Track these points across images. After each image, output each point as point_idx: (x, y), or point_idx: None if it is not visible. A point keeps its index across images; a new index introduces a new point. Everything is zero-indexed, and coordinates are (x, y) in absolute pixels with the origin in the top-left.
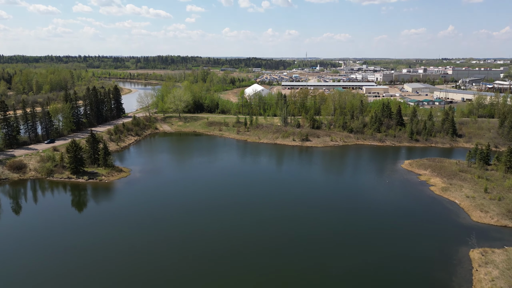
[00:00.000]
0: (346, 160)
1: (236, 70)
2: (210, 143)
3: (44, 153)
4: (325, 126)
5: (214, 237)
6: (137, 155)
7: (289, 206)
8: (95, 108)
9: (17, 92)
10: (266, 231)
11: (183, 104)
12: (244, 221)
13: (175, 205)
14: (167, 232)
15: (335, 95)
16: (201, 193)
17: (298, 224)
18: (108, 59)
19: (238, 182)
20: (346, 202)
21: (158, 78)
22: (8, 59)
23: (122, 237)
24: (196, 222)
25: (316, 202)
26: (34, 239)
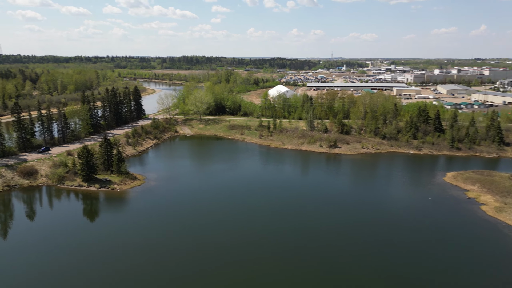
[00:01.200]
0: (379, 170)
1: (260, 71)
2: (231, 148)
3: (57, 158)
4: (355, 131)
5: (233, 252)
6: (154, 161)
7: (314, 222)
8: (114, 110)
9: (42, 92)
10: (289, 245)
11: (204, 106)
12: (265, 234)
13: (190, 219)
14: (180, 247)
15: (366, 97)
16: (219, 205)
17: (325, 247)
18: (135, 59)
19: (260, 193)
20: (381, 224)
21: (182, 78)
22: (40, 59)
23: (129, 254)
24: (214, 236)
25: (345, 221)
26: (38, 250)
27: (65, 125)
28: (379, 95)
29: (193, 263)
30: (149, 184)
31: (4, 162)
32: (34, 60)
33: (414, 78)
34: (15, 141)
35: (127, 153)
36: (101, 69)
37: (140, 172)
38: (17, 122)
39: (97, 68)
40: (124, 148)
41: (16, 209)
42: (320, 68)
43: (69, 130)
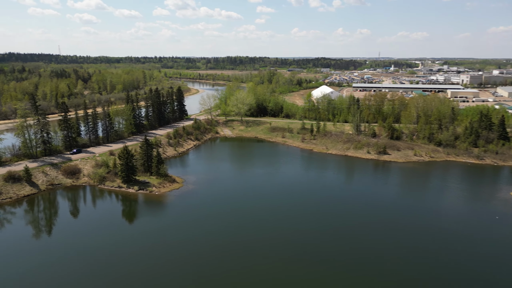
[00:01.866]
0: (434, 181)
1: (304, 71)
2: (272, 151)
3: (100, 158)
4: (406, 137)
5: (271, 263)
6: (194, 162)
7: (359, 240)
8: (157, 110)
9: (92, 91)
10: (334, 259)
11: (246, 107)
12: (302, 244)
13: (227, 226)
14: (214, 255)
15: (419, 100)
16: (258, 213)
17: (369, 267)
18: (181, 60)
19: (300, 202)
20: (439, 247)
21: (225, 79)
22: (94, 60)
23: (163, 258)
24: (251, 246)
25: (394, 241)
26: (77, 249)
27: (109, 124)
28: (434, 98)
29: (227, 270)
30: (187, 187)
31: (50, 160)
32: (89, 60)
33: (470, 80)
34: (61, 140)
35: (168, 154)
36: (148, 69)
37: (179, 174)
38: (64, 121)
39: (145, 68)
40: (165, 148)
41: (58, 208)
42: (366, 68)
43: (113, 129)
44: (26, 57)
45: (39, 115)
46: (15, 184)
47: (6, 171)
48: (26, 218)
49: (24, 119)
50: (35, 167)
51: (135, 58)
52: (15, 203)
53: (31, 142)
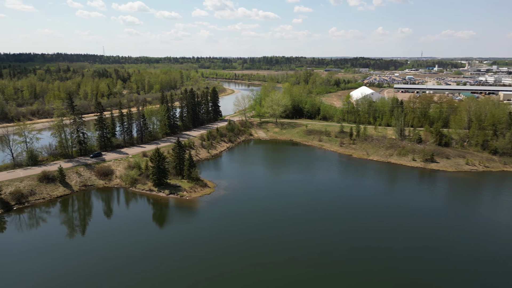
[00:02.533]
0: (488, 194)
1: (341, 71)
2: (308, 155)
3: (132, 159)
4: (456, 143)
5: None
6: (227, 166)
7: (398, 256)
8: (191, 111)
9: (131, 91)
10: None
11: (281, 109)
12: (337, 260)
13: (257, 240)
14: (240, 268)
15: (470, 103)
16: (291, 223)
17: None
18: (217, 60)
19: (337, 213)
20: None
21: (261, 79)
22: (135, 60)
23: (188, 265)
24: (281, 260)
25: (440, 259)
26: (105, 252)
27: (143, 125)
28: (487, 101)
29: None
30: (219, 193)
31: (84, 160)
32: (130, 60)
33: None
34: (96, 140)
35: (200, 156)
36: (186, 69)
37: (211, 178)
38: (99, 121)
39: (183, 69)
40: (198, 150)
41: (88, 210)
42: (408, 69)
43: (147, 130)
44: (73, 57)
45: (76, 115)
46: (49, 184)
47: (41, 171)
48: (58, 219)
49: (60, 119)
50: (70, 168)
51: (173, 58)
52: (48, 204)
53: (67, 142)
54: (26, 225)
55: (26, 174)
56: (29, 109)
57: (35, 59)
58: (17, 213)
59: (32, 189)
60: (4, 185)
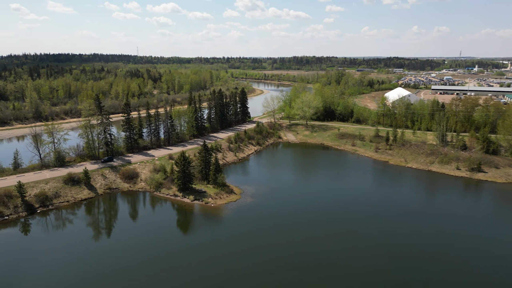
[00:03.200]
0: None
1: (374, 71)
2: (340, 161)
3: (158, 162)
4: (506, 151)
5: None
6: (254, 170)
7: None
8: (219, 112)
9: (161, 91)
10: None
11: (312, 111)
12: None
13: (283, 252)
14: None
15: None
16: (321, 238)
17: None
18: (247, 60)
19: (371, 226)
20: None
21: (291, 79)
22: (167, 60)
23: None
24: (312, 280)
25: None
26: (127, 257)
27: (170, 126)
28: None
29: None
30: (245, 200)
31: (110, 163)
32: (162, 61)
33: None
34: (123, 141)
35: (227, 159)
36: (216, 69)
37: (238, 183)
38: (126, 122)
39: (213, 69)
40: (225, 154)
41: (111, 215)
42: (445, 69)
43: (174, 132)
44: (108, 57)
45: (103, 115)
46: (74, 186)
47: (67, 172)
48: (81, 222)
49: (87, 120)
50: (95, 170)
51: (204, 58)
52: (72, 207)
53: (94, 143)
54: (49, 228)
55: (52, 176)
56: (63, 108)
57: (73, 59)
58: (41, 215)
59: (57, 192)
60: (29, 187)
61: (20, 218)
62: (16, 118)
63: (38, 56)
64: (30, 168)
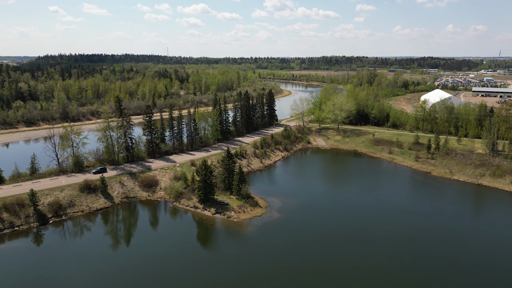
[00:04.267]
0: None
1: (407, 71)
2: (376, 170)
3: (180, 169)
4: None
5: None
6: (281, 179)
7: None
8: (245, 115)
9: (187, 92)
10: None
11: (344, 114)
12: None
13: (313, 277)
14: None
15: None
16: (354, 261)
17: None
18: (275, 60)
19: (412, 248)
20: None
21: (320, 80)
22: (195, 61)
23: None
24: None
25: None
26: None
27: (194, 130)
28: None
29: None
30: (271, 215)
31: (130, 168)
32: (191, 61)
33: None
34: (144, 146)
35: (252, 166)
36: (243, 69)
37: (263, 194)
38: (147, 125)
39: (240, 69)
40: (251, 160)
41: (126, 226)
42: (484, 69)
43: (198, 136)
44: (139, 58)
45: (123, 118)
46: (90, 195)
47: (83, 179)
48: (93, 235)
49: (107, 123)
50: (113, 176)
51: (232, 59)
52: (87, 217)
53: (113, 147)
54: (61, 239)
55: (68, 182)
56: (89, 108)
57: (105, 60)
58: (54, 226)
59: (72, 200)
60: (43, 194)
61: (32, 228)
62: (43, 118)
63: (73, 57)
64: (47, 173)
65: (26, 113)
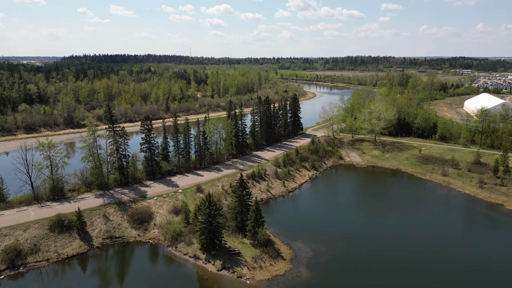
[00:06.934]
0: None
1: (439, 72)
2: (429, 199)
3: (182, 196)
4: None
5: None
6: (309, 210)
7: None
8: (265, 125)
9: (204, 94)
10: None
11: (382, 124)
12: None
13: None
14: None
15: None
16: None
17: None
18: (298, 61)
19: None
20: None
21: (346, 81)
22: (217, 61)
23: None
24: None
25: None
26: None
27: (203, 144)
28: None
29: None
30: (298, 273)
31: (120, 195)
32: (212, 61)
33: None
34: (142, 164)
35: (273, 191)
36: (265, 70)
37: (287, 235)
38: (146, 140)
39: (262, 69)
40: (271, 182)
41: (104, 280)
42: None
43: (208, 151)
44: (161, 58)
45: (115, 131)
46: (61, 235)
47: (55, 212)
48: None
49: (92, 138)
50: (96, 207)
51: (254, 59)
52: (53, 268)
53: (101, 168)
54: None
55: (38, 216)
56: (97, 113)
57: (128, 60)
58: (5, 282)
59: (36, 244)
60: (1, 235)
61: None
62: (45, 124)
63: (97, 57)
64: (16, 201)
65: (26, 118)
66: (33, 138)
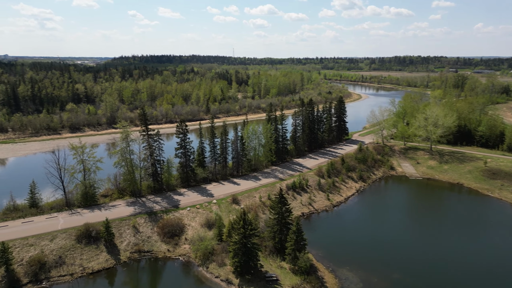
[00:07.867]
0: None
1: (497, 73)
2: (498, 219)
3: (216, 207)
4: None
5: None
6: (357, 229)
7: None
8: (308, 130)
9: (244, 95)
10: None
11: (439, 131)
12: None
13: None
14: None
15: None
16: None
17: None
18: (342, 61)
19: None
20: None
21: (393, 82)
22: (259, 61)
23: None
24: None
25: None
26: None
27: (241, 150)
28: None
29: None
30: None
31: (152, 203)
32: (255, 62)
33: None
34: (177, 170)
35: (316, 205)
36: (308, 70)
37: (331, 259)
38: (181, 145)
39: (305, 70)
40: (314, 195)
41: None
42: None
43: (245, 158)
44: (205, 58)
45: (149, 135)
46: (88, 247)
47: (85, 221)
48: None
49: (126, 142)
50: (126, 217)
51: (296, 59)
52: (75, 284)
53: (133, 174)
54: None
55: (65, 225)
56: (138, 113)
57: (173, 61)
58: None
59: (61, 256)
60: (27, 245)
61: None
62: (89, 123)
63: (144, 57)
64: (47, 207)
65: (71, 118)
66: (76, 138)
